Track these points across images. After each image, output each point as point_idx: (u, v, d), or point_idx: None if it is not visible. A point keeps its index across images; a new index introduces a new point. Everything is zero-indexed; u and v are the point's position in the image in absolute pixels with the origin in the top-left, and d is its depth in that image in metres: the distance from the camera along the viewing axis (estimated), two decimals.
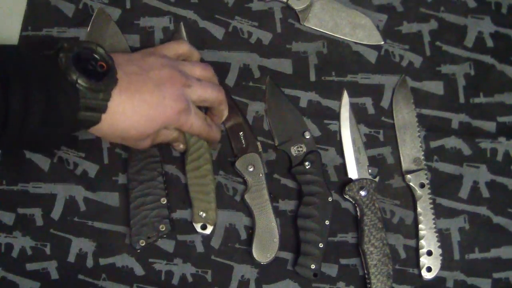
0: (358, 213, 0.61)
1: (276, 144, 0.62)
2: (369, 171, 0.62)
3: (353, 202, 0.61)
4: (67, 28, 0.64)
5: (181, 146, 0.60)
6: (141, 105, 0.50)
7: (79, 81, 0.45)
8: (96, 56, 0.49)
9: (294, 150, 0.61)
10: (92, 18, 0.63)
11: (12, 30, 0.64)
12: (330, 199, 0.60)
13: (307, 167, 0.60)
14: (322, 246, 0.59)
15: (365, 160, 0.62)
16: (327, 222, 0.60)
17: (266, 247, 0.59)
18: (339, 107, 0.64)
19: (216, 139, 0.60)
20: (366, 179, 0.61)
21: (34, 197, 0.60)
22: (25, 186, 0.60)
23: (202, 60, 0.61)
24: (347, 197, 0.61)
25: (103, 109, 0.48)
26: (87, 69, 0.47)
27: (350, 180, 0.62)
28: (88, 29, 0.63)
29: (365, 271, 0.60)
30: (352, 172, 0.62)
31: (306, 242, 0.59)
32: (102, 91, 0.47)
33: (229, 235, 0.61)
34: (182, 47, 0.58)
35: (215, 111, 0.60)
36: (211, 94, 0.56)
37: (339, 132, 0.63)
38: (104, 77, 0.47)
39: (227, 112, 0.61)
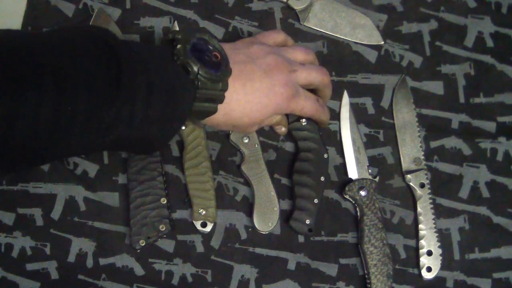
0: (358, 213, 0.61)
1: None
2: (369, 171, 0.62)
3: (353, 202, 0.61)
4: None
5: (283, 129, 0.60)
6: (254, 93, 0.51)
7: (200, 72, 0.45)
8: (210, 47, 0.48)
9: None
10: (92, 18, 0.63)
11: None
12: (325, 156, 0.60)
13: (303, 124, 0.61)
14: (317, 201, 0.59)
15: (365, 160, 0.62)
16: (322, 178, 0.60)
17: (267, 217, 0.59)
18: (339, 107, 0.64)
19: (327, 119, 0.61)
20: (366, 179, 0.61)
21: (34, 197, 0.60)
22: (25, 186, 0.60)
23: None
24: (347, 197, 0.61)
25: (221, 99, 0.48)
26: (204, 59, 0.46)
27: (350, 180, 0.62)
28: None
29: (365, 271, 0.60)
30: (352, 172, 0.62)
31: (301, 197, 0.59)
32: (221, 80, 0.47)
33: (229, 235, 0.61)
34: (280, 36, 0.59)
35: (320, 93, 0.60)
36: (316, 76, 0.57)
37: (339, 132, 0.63)
38: (220, 67, 0.47)
39: (331, 92, 0.61)
